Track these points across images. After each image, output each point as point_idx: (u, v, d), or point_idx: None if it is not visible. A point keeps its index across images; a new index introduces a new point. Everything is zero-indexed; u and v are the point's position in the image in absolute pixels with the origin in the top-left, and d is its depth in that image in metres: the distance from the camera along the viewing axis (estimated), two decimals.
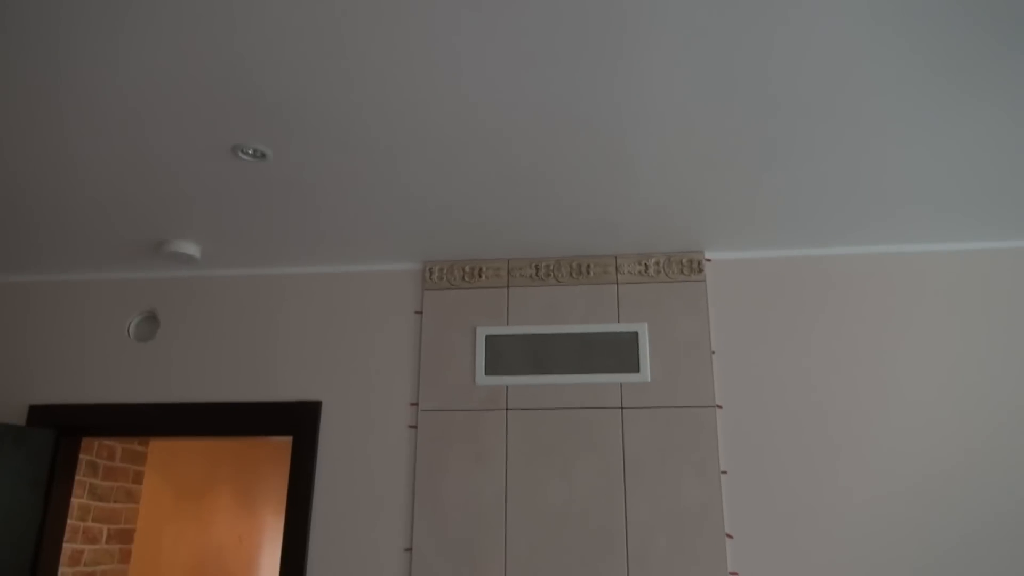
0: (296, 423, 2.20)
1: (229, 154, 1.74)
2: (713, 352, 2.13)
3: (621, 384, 2.11)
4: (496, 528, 2.03)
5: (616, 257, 2.24)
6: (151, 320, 2.44)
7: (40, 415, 2.30)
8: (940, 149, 1.72)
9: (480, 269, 2.27)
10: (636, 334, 2.14)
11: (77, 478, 2.45)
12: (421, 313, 2.27)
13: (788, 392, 2.09)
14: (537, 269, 2.25)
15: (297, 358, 2.30)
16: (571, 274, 2.24)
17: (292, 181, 1.87)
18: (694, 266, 2.19)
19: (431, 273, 2.29)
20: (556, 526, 2.03)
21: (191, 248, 2.21)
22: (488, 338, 2.18)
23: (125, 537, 2.71)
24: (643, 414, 2.06)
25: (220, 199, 1.96)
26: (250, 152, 1.73)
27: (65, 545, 2.39)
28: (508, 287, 2.26)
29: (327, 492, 2.13)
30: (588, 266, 2.24)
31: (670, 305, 2.16)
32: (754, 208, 1.99)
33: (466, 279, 2.28)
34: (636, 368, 2.10)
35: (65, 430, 2.32)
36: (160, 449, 3.02)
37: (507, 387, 2.15)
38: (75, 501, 2.44)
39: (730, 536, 1.95)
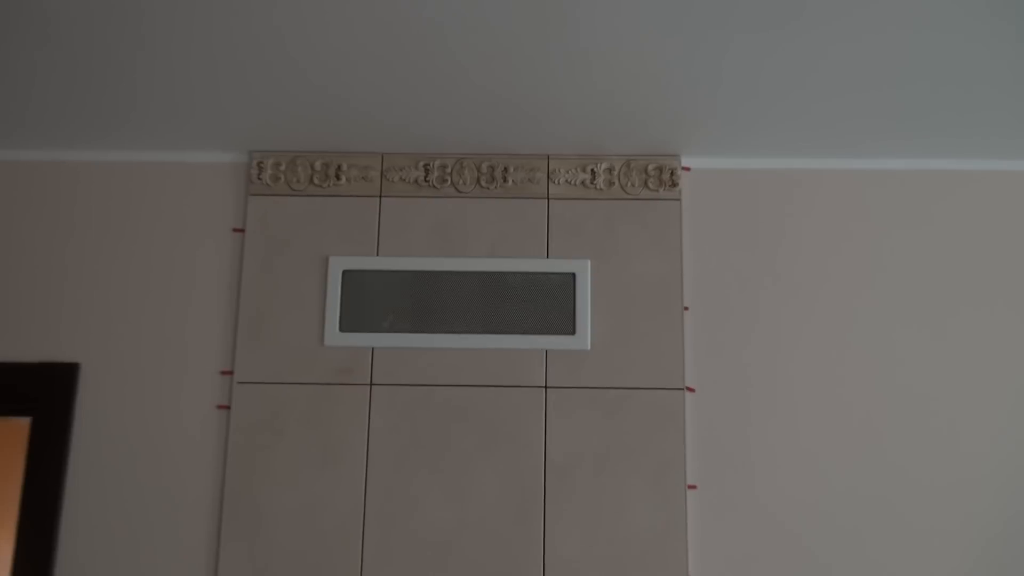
0: (36, 397, 1.75)
1: None
2: (686, 308, 1.78)
3: (547, 352, 1.75)
4: (348, 562, 1.67)
5: (548, 158, 1.83)
6: None
7: None
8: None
9: (338, 167, 1.84)
10: (573, 277, 1.77)
11: None
12: (243, 231, 1.83)
13: (793, 372, 1.77)
14: (427, 171, 1.83)
15: (40, 297, 1.83)
16: (479, 181, 1.83)
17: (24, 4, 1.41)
18: (665, 177, 1.81)
19: (261, 170, 1.83)
20: (439, 562, 1.68)
21: None
22: (347, 274, 1.78)
23: None
24: (578, 398, 1.73)
25: None
26: None
27: None
28: (381, 196, 1.84)
29: (86, 503, 1.72)
30: (505, 170, 1.83)
31: (626, 234, 1.81)
32: (760, 93, 1.60)
33: (316, 181, 1.84)
34: (570, 328, 1.75)
35: None
36: None
37: (373, 350, 1.76)
38: None
39: None
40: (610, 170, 1.83)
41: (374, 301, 1.79)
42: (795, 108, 1.67)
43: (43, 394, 1.76)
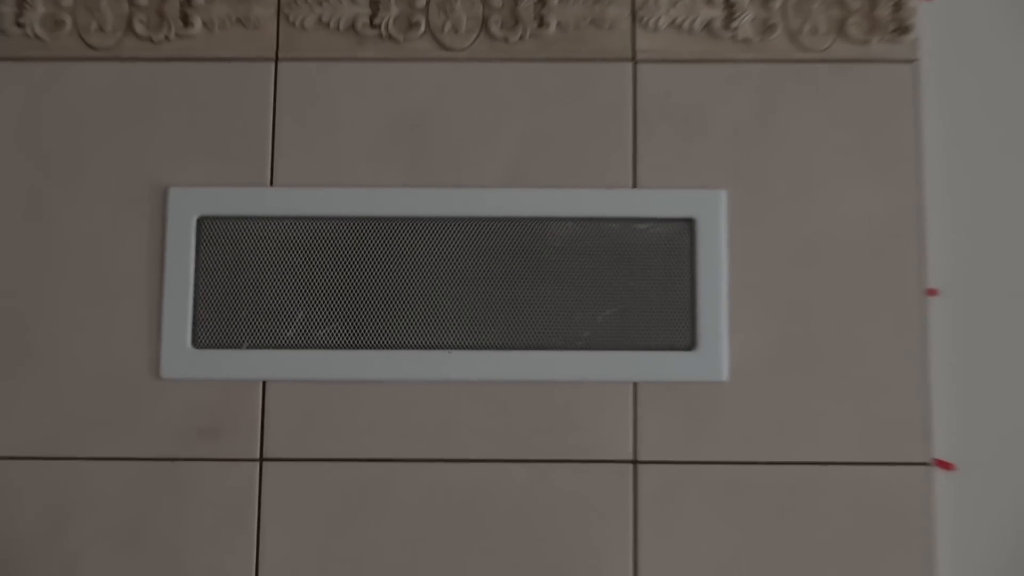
0: None
1: None
2: (933, 291, 0.91)
3: (635, 387, 0.90)
4: None
5: None
6: None
7: None
8: None
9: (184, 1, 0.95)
10: (690, 227, 0.91)
11: None
12: None
13: None
14: (375, 5, 0.94)
15: None
16: (486, 26, 0.94)
17: None
18: (882, 13, 0.92)
19: (23, 8, 0.94)
20: None
21: None
22: (208, 225, 0.92)
23: None
24: (704, 484, 0.89)
25: None
26: None
27: None
28: (278, 60, 0.95)
29: None
30: (542, 2, 0.94)
31: (803, 134, 0.94)
32: None
33: (139, 30, 0.94)
34: (687, 337, 0.90)
35: None
36: None
37: (265, 386, 0.91)
38: None
39: None
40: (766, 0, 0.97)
41: (267, 282, 0.98)
42: None
43: None
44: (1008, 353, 0.91)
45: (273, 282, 0.90)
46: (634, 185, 0.91)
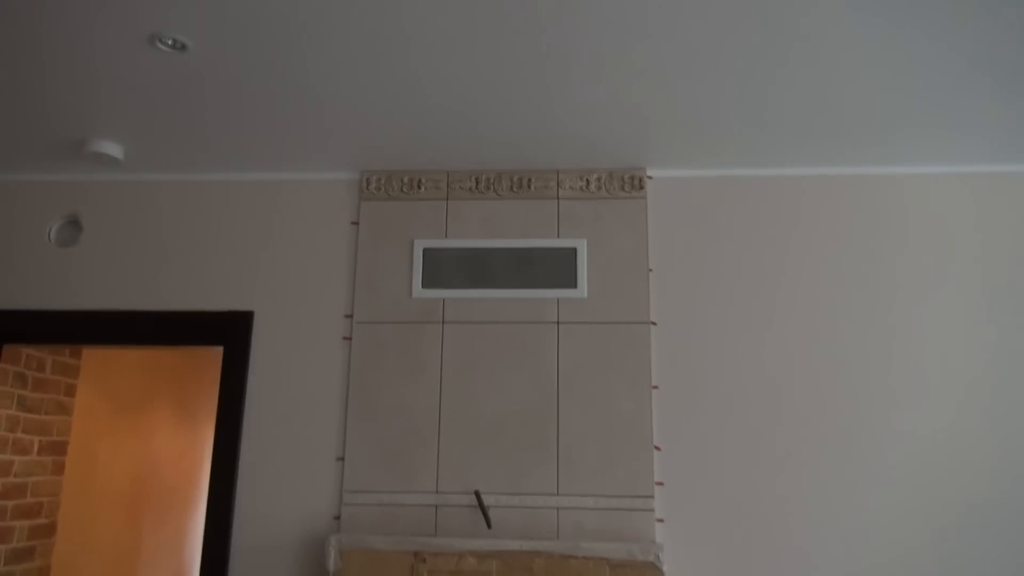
0: (227, 333, 2.84)
1: (147, 44, 2.13)
2: (650, 270, 2.79)
3: (558, 299, 2.77)
4: (429, 438, 2.71)
5: (558, 172, 2.86)
6: (73, 225, 3.01)
7: None
8: (900, 70, 2.22)
9: (419, 181, 2.89)
10: (575, 250, 2.81)
11: (3, 388, 3.05)
12: (358, 224, 2.90)
13: (722, 310, 2.78)
14: (477, 182, 2.88)
15: (228, 267, 2.92)
16: (512, 188, 2.87)
17: (217, 77, 2.31)
18: (635, 183, 2.84)
19: (368, 183, 2.90)
20: (489, 436, 2.71)
21: (113, 149, 2.75)
22: (426, 251, 2.84)
23: (58, 449, 3.36)
24: (579, 329, 2.75)
25: (140, 95, 2.41)
26: (169, 42, 2.12)
27: None
28: (447, 200, 2.90)
29: (259, 403, 2.78)
30: (529, 180, 2.86)
31: (610, 222, 2.83)
32: (700, 124, 2.56)
33: (404, 190, 2.91)
34: (573, 284, 2.78)
35: None
36: (94, 362, 3.64)
37: (444, 300, 2.80)
38: (2, 412, 3.05)
39: (658, 448, 2.65)
40: (599, 179, 2.85)
41: (444, 268, 2.85)
42: (725, 139, 2.65)
43: (231, 331, 2.86)
44: (675, 287, 2.82)
45: (448, 268, 2.84)
46: (558, 236, 2.84)
